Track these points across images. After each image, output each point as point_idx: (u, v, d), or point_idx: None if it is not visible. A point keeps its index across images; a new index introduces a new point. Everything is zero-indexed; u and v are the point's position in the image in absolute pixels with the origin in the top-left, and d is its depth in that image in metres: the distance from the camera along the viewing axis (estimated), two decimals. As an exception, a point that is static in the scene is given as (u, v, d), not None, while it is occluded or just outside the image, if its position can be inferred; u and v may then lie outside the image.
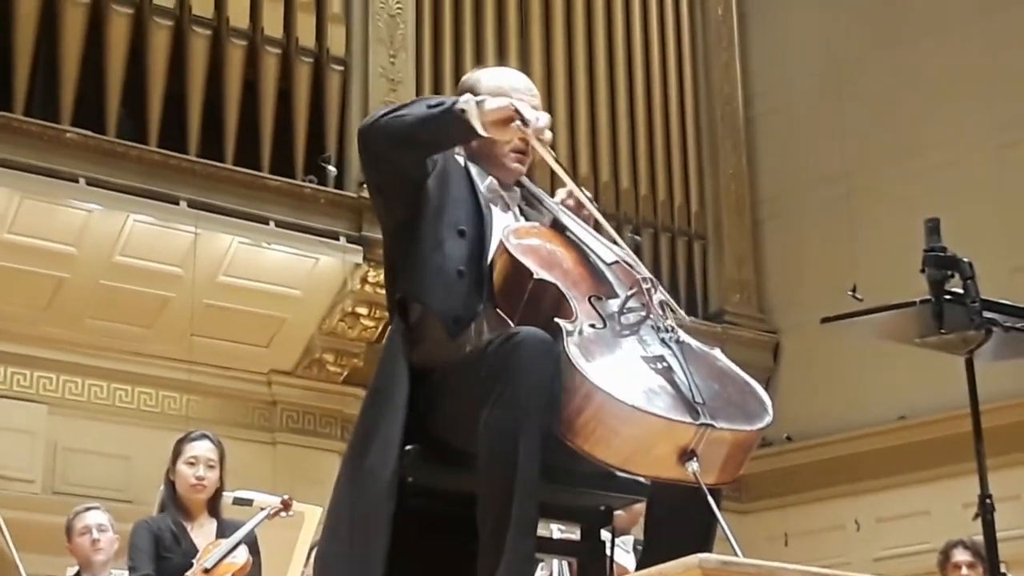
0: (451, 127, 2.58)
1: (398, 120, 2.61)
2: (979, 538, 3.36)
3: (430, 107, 2.59)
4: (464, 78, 2.95)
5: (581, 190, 2.79)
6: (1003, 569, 3.92)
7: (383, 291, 2.87)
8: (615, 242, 2.71)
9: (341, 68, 7.78)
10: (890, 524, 8.49)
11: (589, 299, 2.54)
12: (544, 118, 2.60)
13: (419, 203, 2.67)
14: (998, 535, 3.01)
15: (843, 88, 9.28)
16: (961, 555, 5.52)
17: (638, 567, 2.51)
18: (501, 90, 2.77)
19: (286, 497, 4.82)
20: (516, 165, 2.80)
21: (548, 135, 2.63)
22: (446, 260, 2.63)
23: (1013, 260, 7.68)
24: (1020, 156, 8.41)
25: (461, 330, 2.60)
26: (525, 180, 2.87)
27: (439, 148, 2.67)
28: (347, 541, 2.56)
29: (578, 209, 2.78)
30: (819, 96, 9.40)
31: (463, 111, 2.54)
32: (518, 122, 2.55)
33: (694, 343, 2.53)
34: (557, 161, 2.68)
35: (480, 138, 2.61)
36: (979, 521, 3.01)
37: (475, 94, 2.76)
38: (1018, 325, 2.93)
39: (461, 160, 2.79)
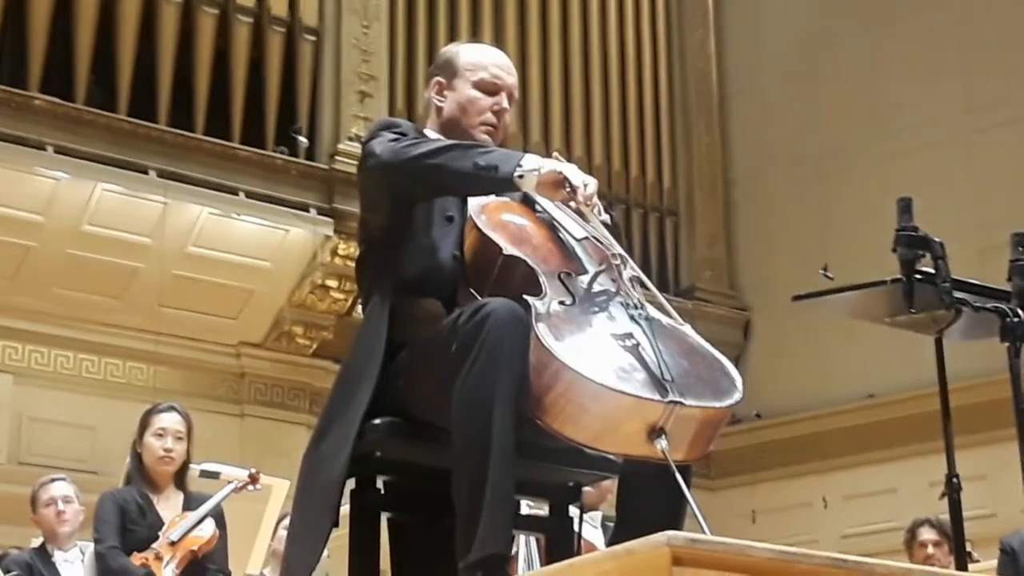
0: (500, 187, 2.58)
1: (432, 169, 2.55)
2: (945, 517, 3.37)
3: (479, 166, 2.53)
4: (442, 51, 2.92)
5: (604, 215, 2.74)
6: (969, 548, 3.94)
7: (353, 264, 2.83)
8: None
9: (313, 38, 7.72)
10: (858, 502, 8.54)
11: (559, 275, 2.52)
12: (592, 185, 2.57)
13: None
14: (964, 514, 3.03)
15: (817, 69, 9.29)
16: (927, 534, 5.55)
17: (609, 544, 2.50)
18: (479, 66, 2.76)
19: (253, 471, 4.80)
20: (485, 138, 2.78)
21: (595, 200, 2.60)
22: (441, 247, 2.63)
23: (983, 241, 7.69)
24: (991, 139, 8.46)
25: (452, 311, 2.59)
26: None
27: (470, 195, 2.67)
28: (301, 518, 2.56)
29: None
30: (793, 76, 9.40)
31: (521, 177, 2.51)
32: (567, 188, 2.53)
33: (664, 319, 2.52)
34: (604, 224, 2.65)
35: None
36: (946, 500, 3.02)
37: (453, 69, 2.76)
38: (987, 305, 2.93)
39: None
